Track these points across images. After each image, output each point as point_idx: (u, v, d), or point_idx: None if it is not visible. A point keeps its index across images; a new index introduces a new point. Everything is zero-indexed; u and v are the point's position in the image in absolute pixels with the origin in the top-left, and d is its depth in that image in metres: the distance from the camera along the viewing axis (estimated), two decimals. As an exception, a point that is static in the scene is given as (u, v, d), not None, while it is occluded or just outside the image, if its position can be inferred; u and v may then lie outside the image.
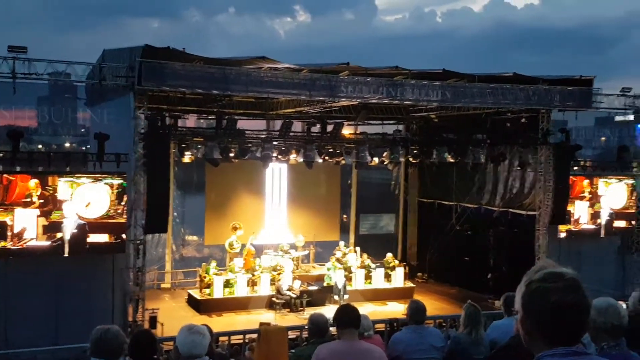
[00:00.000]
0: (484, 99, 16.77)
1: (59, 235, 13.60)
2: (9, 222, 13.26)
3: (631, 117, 19.57)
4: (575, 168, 18.95)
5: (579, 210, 18.73)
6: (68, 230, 13.66)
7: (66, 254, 13.66)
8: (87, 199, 13.87)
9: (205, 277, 18.31)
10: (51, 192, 13.60)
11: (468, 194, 21.33)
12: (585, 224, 18.88)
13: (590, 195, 18.88)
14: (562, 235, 18.44)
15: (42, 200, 13.51)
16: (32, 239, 13.44)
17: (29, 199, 13.45)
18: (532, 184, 19.14)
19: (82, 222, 13.80)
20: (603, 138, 20.95)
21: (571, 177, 18.36)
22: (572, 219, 18.54)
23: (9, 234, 13.26)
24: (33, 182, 13.50)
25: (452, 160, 19.13)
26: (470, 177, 20.83)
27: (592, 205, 18.90)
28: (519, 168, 19.37)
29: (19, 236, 13.36)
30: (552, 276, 1.92)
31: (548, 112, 18.15)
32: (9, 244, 13.27)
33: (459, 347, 6.04)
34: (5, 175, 13.43)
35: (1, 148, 13.77)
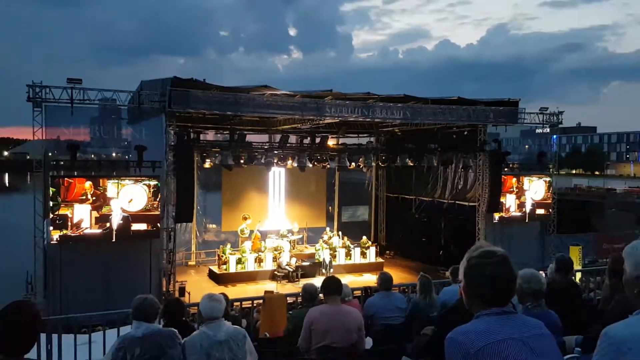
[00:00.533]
0: (436, 117, 16.82)
1: (108, 225, 13.51)
2: (69, 215, 13.16)
3: (548, 130, 19.70)
4: (506, 169, 19.03)
5: (509, 201, 18.78)
6: (115, 221, 13.54)
7: (114, 240, 13.56)
8: (129, 196, 13.77)
9: (222, 256, 18.21)
10: (102, 191, 13.48)
11: (424, 190, 21.38)
12: (514, 212, 18.93)
13: (517, 190, 18.95)
14: (496, 220, 18.52)
15: (94, 198, 13.39)
16: (87, 228, 13.32)
17: (84, 197, 13.33)
18: (472, 181, 19.22)
19: (126, 214, 13.68)
20: (527, 146, 21.05)
21: (502, 176, 18.41)
22: (503, 208, 18.61)
23: (69, 224, 13.18)
24: (87, 184, 13.37)
25: (411, 164, 19.17)
26: (426, 177, 20.92)
27: (518, 198, 18.96)
28: (462, 170, 19.45)
29: (77, 225, 13.25)
30: (487, 253, 1.93)
31: (484, 126, 18.23)
32: (69, 232, 13.16)
33: (417, 308, 6.07)
34: (66, 178, 13.31)
35: (63, 157, 13.60)
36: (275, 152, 17.69)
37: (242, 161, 16.96)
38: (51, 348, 6.14)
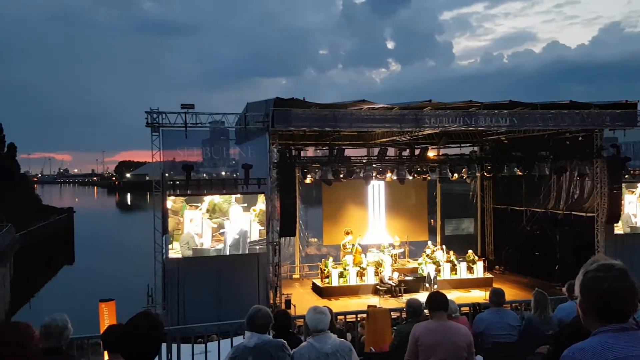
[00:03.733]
0: (546, 122, 16.01)
1: (222, 240, 14.17)
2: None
3: (671, 133, 17.88)
4: (626, 176, 17.57)
5: (631, 211, 17.22)
6: (230, 236, 14.21)
7: (227, 254, 14.21)
8: (241, 213, 14.45)
9: (325, 269, 18.52)
10: (217, 209, 14.29)
11: (536, 201, 20.31)
12: (637, 222, 17.30)
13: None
14: (618, 232, 17.05)
15: (210, 215, 14.20)
16: (202, 244, 14.16)
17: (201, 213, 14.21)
18: (590, 190, 18.01)
19: (241, 229, 14.30)
20: (649, 151, 19.17)
21: (623, 183, 17.02)
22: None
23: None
24: (206, 201, 14.23)
25: (520, 174, 18.36)
26: (537, 186, 19.86)
27: (642, 207, 17.33)
28: (578, 178, 18.30)
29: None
30: (603, 267, 1.86)
31: (600, 131, 17.13)
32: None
33: (532, 325, 5.76)
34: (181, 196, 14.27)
35: (178, 177, 14.70)
36: (374, 165, 17.76)
37: (341, 176, 17.22)
38: (171, 357, 6.53)
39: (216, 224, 14.09)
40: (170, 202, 13.96)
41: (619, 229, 17.26)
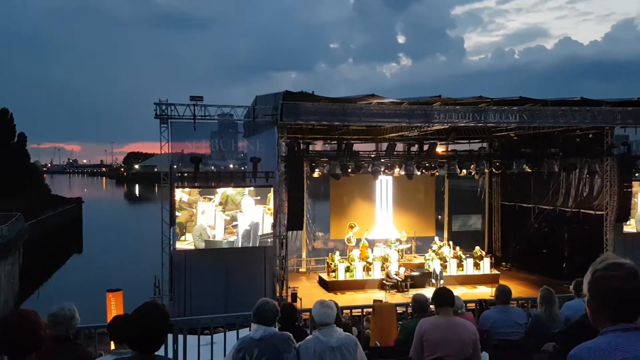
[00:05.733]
0: (556, 119, 15.90)
1: (234, 232, 14.27)
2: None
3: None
4: (637, 174, 17.45)
5: (642, 209, 17.11)
6: (242, 228, 14.29)
7: (239, 246, 14.27)
8: (251, 206, 14.48)
9: (331, 263, 18.53)
10: (230, 201, 14.35)
11: (544, 198, 20.18)
12: (648, 221, 17.19)
13: (652, 197, 17.20)
14: (626, 230, 16.95)
15: (223, 207, 14.26)
16: (213, 236, 14.26)
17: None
18: (599, 188, 17.89)
19: (253, 222, 14.36)
20: (660, 149, 19.03)
21: (633, 182, 16.90)
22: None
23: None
24: (219, 192, 14.26)
25: (529, 170, 18.24)
26: (546, 183, 19.75)
27: (653, 205, 17.19)
28: (587, 176, 18.18)
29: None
30: (613, 266, 1.83)
31: (611, 128, 17.00)
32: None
33: (539, 322, 5.74)
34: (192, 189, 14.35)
35: (187, 170, 14.73)
36: (382, 160, 17.71)
37: (349, 170, 17.19)
38: (177, 348, 6.59)
39: (229, 217, 14.15)
40: (186, 195, 14.03)
41: (630, 227, 17.17)
